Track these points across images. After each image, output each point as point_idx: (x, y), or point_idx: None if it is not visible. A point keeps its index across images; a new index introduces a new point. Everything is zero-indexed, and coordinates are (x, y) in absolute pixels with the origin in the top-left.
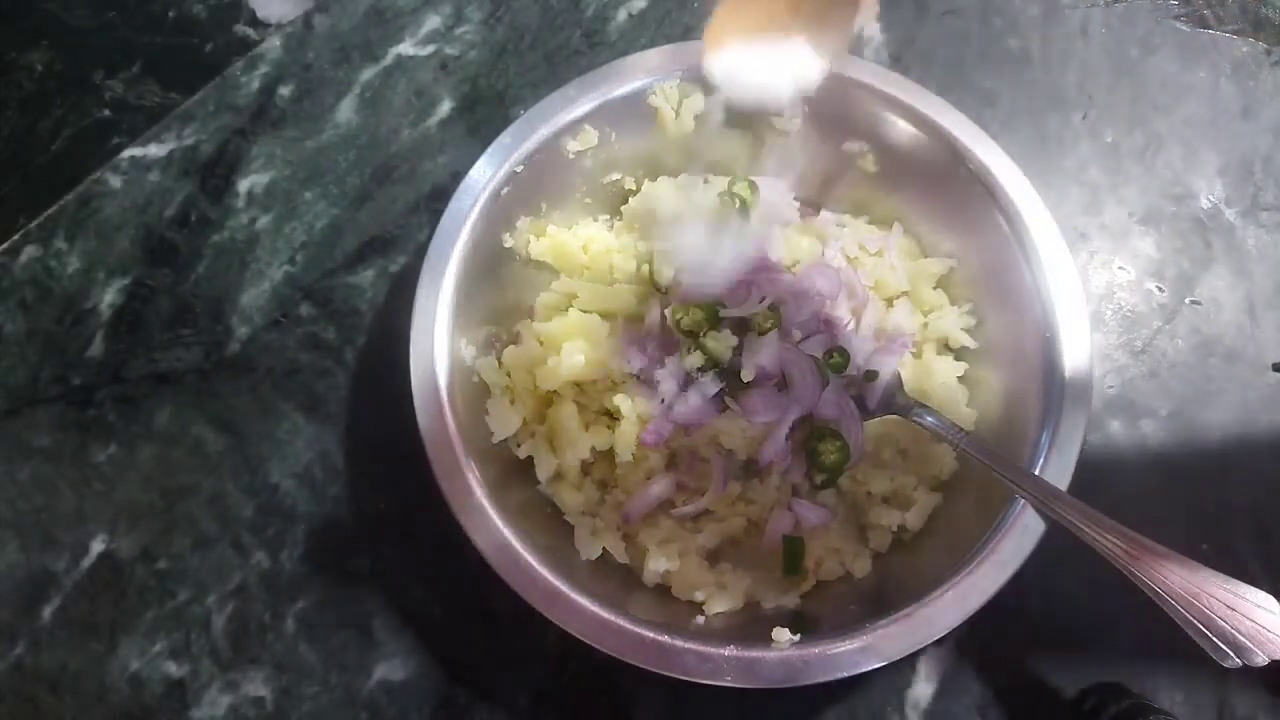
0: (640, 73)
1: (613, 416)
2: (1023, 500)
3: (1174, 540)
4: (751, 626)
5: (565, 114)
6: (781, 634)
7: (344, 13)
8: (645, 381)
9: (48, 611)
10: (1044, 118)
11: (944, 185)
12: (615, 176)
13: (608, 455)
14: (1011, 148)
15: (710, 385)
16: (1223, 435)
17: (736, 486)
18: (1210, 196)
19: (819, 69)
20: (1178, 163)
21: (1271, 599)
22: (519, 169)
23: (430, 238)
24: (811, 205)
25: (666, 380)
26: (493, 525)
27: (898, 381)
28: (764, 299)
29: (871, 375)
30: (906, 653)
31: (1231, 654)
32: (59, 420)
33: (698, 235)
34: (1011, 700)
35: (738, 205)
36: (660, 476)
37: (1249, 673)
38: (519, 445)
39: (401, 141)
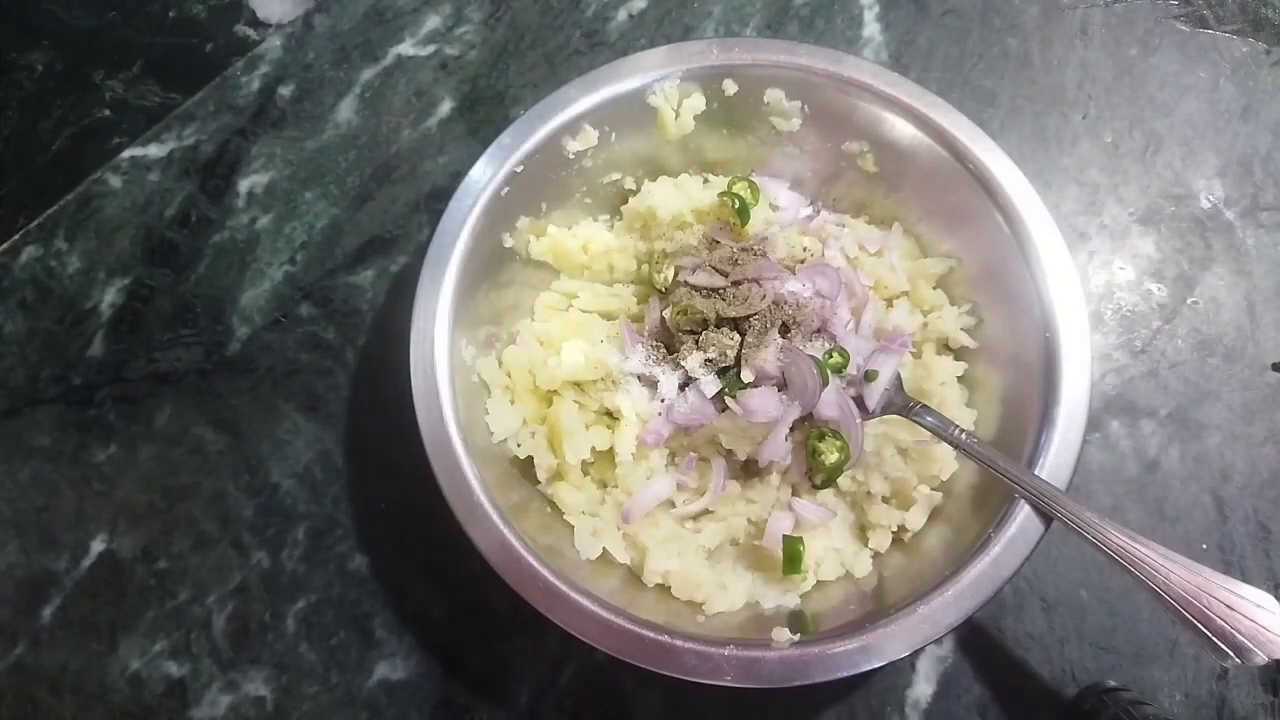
0: (640, 73)
1: (613, 416)
2: (1022, 500)
3: (1174, 540)
4: (751, 626)
5: (565, 114)
6: (781, 634)
7: (344, 13)
8: (645, 381)
9: (48, 611)
10: (1044, 118)
11: (944, 185)
12: (615, 176)
13: (608, 455)
14: (1011, 148)
15: (710, 385)
16: (1223, 435)
17: (736, 486)
18: (1210, 196)
19: None
20: (1178, 163)
21: (1271, 599)
22: (519, 169)
23: (430, 238)
24: (811, 205)
25: (666, 380)
26: (493, 525)
27: (898, 381)
28: (764, 299)
29: (871, 375)
30: (906, 653)
31: (1231, 654)
32: (59, 420)
33: None
34: (1011, 700)
35: (737, 205)
36: (660, 476)
37: (1248, 672)
38: (519, 445)
39: (401, 141)
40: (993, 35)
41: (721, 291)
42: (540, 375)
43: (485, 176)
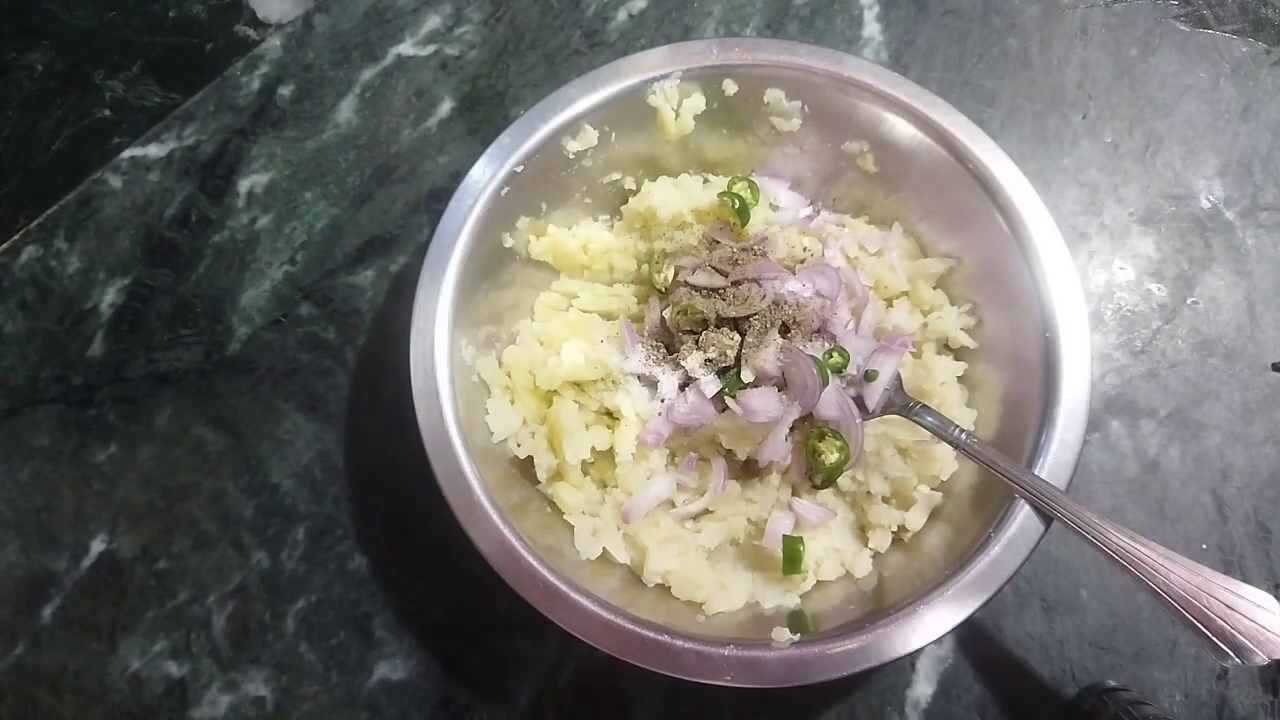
0: (640, 73)
1: (613, 416)
2: (1022, 500)
3: (1174, 540)
4: (751, 626)
5: (565, 114)
6: (781, 634)
7: (344, 13)
8: (645, 381)
9: (48, 611)
10: (1044, 118)
11: (944, 185)
12: (615, 176)
13: (608, 455)
14: (1011, 148)
15: (710, 385)
16: (1223, 435)
17: (736, 486)
18: (1210, 196)
19: None
20: (1177, 163)
21: (1271, 599)
22: (519, 169)
23: (430, 238)
24: (811, 205)
25: (666, 380)
26: (493, 525)
27: (898, 381)
28: (764, 299)
29: (871, 375)
30: (906, 652)
31: (1231, 654)
32: (59, 420)
33: None
34: (1011, 700)
35: (737, 205)
36: (660, 476)
37: (1248, 672)
38: (519, 445)
39: (401, 141)
40: (993, 35)
41: (721, 291)
42: (540, 375)
43: (485, 176)
